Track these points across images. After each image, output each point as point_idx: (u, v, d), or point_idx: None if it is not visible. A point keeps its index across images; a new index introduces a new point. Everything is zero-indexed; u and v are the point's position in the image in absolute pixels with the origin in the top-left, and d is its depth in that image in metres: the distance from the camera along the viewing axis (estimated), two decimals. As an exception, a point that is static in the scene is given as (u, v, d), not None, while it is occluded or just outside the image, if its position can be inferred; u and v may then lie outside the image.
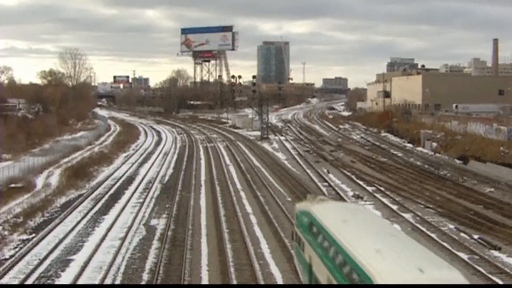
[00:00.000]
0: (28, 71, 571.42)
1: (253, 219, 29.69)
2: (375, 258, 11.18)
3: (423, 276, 10.30)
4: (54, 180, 42.98)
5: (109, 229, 27.51)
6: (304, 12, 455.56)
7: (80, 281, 20.21)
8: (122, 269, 21.55)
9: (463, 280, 10.65)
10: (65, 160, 54.38)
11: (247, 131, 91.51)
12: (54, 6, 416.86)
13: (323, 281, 14.02)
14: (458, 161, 51.07)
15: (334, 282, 12.88)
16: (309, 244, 16.06)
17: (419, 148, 61.98)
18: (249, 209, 32.28)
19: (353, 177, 43.53)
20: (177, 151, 65.43)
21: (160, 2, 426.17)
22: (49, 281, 20.31)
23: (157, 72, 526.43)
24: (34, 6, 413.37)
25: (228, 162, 54.35)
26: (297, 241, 18.11)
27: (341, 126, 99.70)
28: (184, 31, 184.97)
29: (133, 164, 53.71)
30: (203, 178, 44.67)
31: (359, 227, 14.15)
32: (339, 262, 12.73)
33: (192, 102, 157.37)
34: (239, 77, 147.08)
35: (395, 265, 10.92)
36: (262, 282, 19.78)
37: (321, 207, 16.68)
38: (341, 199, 34.28)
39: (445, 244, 24.35)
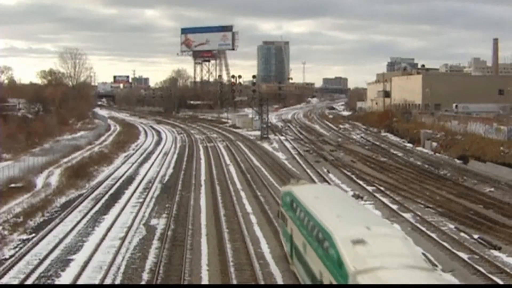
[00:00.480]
0: (28, 71, 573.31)
1: (253, 219, 29.71)
2: (335, 221, 14.60)
3: (368, 231, 13.23)
4: (54, 180, 42.99)
5: (109, 229, 27.53)
6: (304, 12, 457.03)
7: (80, 281, 20.23)
8: (122, 269, 21.58)
9: (402, 235, 13.88)
10: (65, 160, 54.39)
11: (247, 131, 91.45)
12: (54, 6, 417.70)
13: (299, 245, 17.41)
14: (458, 161, 51.07)
15: (308, 245, 16.10)
16: (290, 218, 19.35)
17: (419, 148, 61.98)
18: (249, 209, 32.27)
19: (353, 176, 43.54)
20: (177, 151, 65.39)
21: (160, 2, 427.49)
22: (49, 281, 20.32)
23: (157, 72, 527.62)
24: (34, 6, 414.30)
25: (228, 162, 54.32)
26: (282, 218, 21.50)
27: (341, 126, 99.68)
28: (184, 31, 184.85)
29: (133, 164, 53.69)
30: (203, 178, 44.66)
31: (327, 201, 17.89)
32: (311, 227, 16.01)
33: (192, 102, 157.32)
34: (239, 77, 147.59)
35: (348, 225, 14.25)
36: (262, 282, 19.79)
37: (300, 187, 20.65)
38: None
39: (445, 243, 24.37)
